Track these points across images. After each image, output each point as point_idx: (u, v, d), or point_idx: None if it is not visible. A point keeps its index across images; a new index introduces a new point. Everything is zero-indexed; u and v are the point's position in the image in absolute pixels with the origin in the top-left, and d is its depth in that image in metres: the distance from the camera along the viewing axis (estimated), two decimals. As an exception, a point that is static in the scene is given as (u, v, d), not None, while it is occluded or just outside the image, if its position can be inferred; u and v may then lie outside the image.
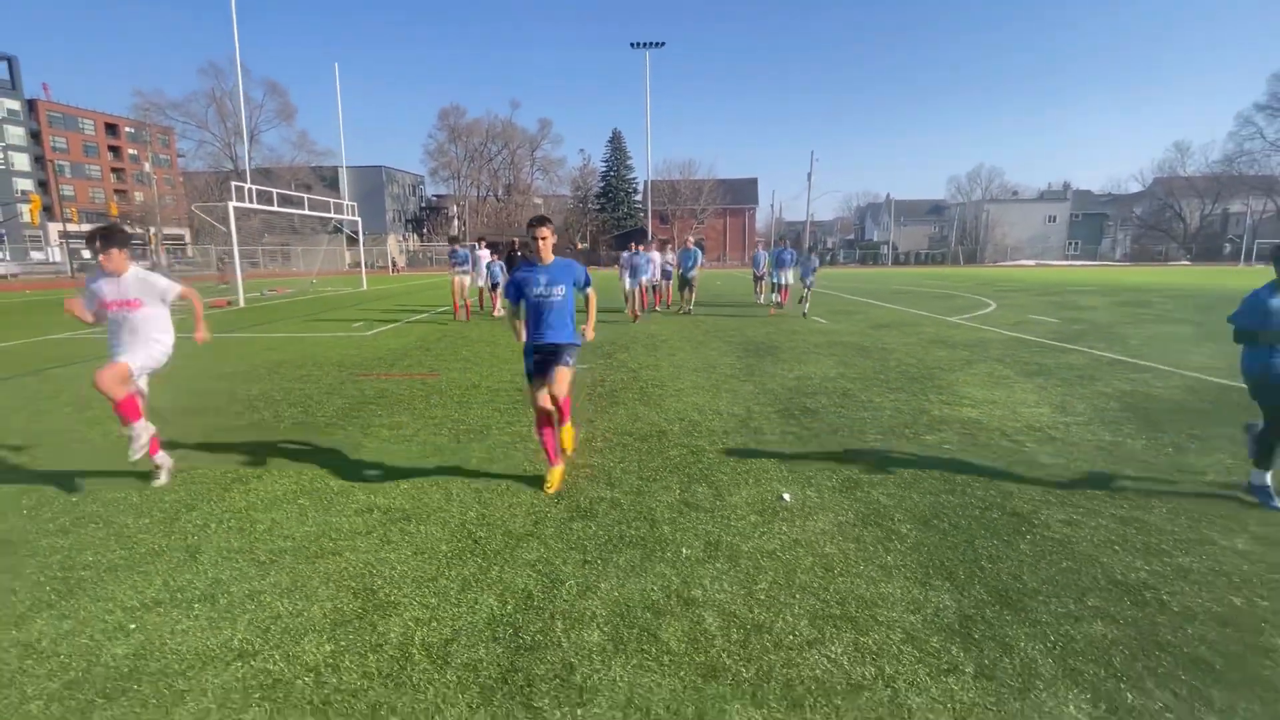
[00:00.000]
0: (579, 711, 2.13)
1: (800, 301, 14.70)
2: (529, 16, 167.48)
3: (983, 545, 3.30)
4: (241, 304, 17.86)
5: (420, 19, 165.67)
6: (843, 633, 2.56)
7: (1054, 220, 76.46)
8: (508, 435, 5.26)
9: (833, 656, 2.41)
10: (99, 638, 2.54)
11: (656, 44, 49.40)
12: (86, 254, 57.62)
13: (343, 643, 2.51)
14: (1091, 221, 78.28)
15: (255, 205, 17.88)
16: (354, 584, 2.94)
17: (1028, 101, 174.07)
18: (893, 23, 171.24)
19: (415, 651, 2.45)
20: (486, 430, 5.41)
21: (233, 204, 17.15)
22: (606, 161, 73.81)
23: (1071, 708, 2.14)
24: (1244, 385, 3.95)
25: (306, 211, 21.61)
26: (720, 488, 4.11)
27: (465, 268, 14.38)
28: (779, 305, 16.14)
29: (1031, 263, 66.48)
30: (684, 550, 3.26)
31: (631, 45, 49.32)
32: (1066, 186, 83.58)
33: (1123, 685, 2.25)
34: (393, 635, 2.55)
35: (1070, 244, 76.53)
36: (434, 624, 2.63)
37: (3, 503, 3.93)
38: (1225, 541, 3.34)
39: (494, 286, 15.30)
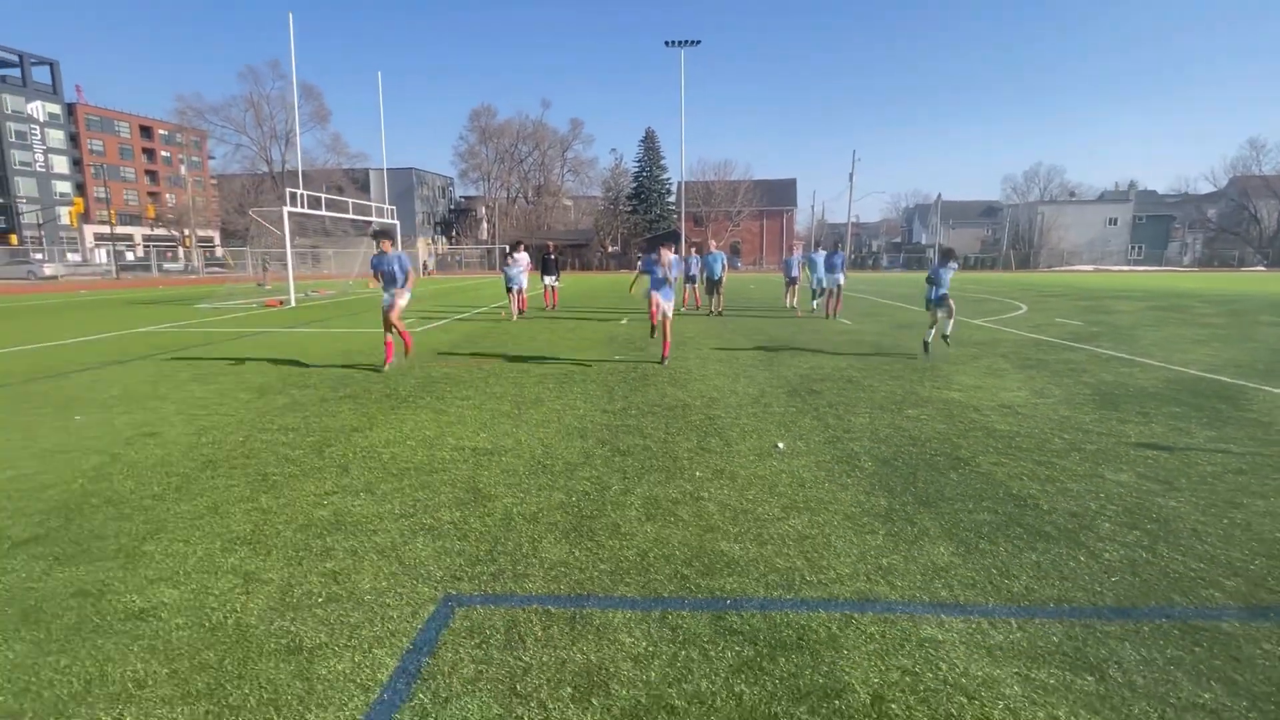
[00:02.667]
0: (625, 543, 3.57)
1: (932, 325, 10.04)
2: (562, 14, 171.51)
3: (922, 475, 4.65)
4: (293, 303, 19.90)
5: (452, 18, 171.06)
6: (803, 514, 3.95)
7: (1115, 223, 75.70)
8: (559, 404, 6.76)
9: (792, 525, 3.81)
10: (306, 507, 4.07)
11: (692, 42, 51.07)
12: (130, 256, 61.98)
13: (466, 511, 3.99)
14: (1157, 224, 77.23)
15: (306, 209, 19.94)
16: (464, 485, 4.43)
17: (1091, 98, 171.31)
18: (946, 15, 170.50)
19: (515, 517, 3.92)
20: (541, 400, 6.92)
21: (287, 209, 19.24)
22: (639, 162, 75.62)
23: (940, 549, 3.50)
24: (1219, 377, 5.15)
25: (350, 215, 23.66)
26: (729, 440, 5.52)
27: (401, 287, 8.60)
28: (834, 314, 16.04)
29: (1090, 268, 66.05)
30: (697, 473, 4.68)
31: (666, 44, 51.01)
32: (1132, 186, 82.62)
33: (981, 541, 3.59)
34: (498, 509, 4.03)
35: (1133, 248, 75.62)
36: (524, 505, 4.10)
37: (189, 442, 5.55)
38: (1112, 476, 4.62)
39: (509, 289, 16.37)
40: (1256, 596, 3.01)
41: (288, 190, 19.91)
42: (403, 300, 8.71)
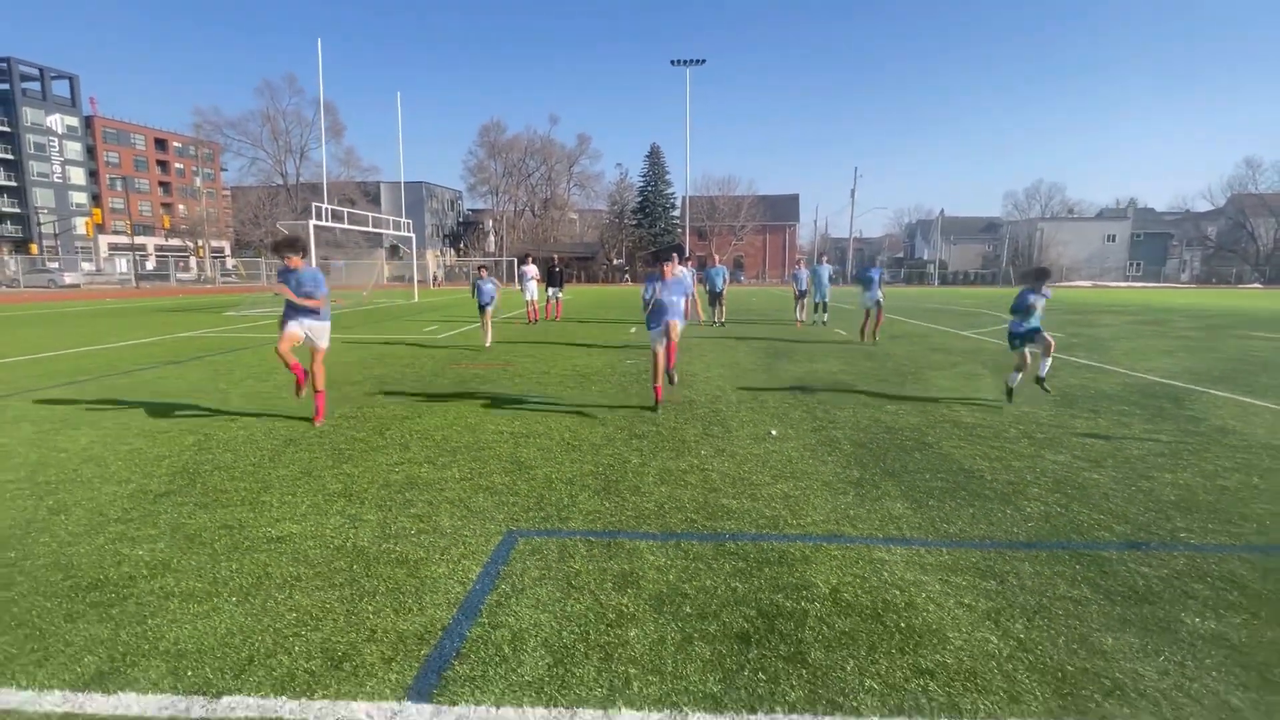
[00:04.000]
0: (644, 498, 4.45)
1: (1019, 367, 7.59)
2: (571, 33, 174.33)
3: (892, 455, 5.52)
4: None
5: (463, 36, 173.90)
6: (789, 481, 4.83)
7: (1113, 240, 76.65)
8: (579, 401, 7.65)
9: (779, 488, 4.68)
10: (382, 473, 4.96)
11: (697, 61, 52.44)
12: (150, 265, 63.31)
13: (513, 477, 4.88)
14: (1155, 241, 78.16)
15: (330, 223, 20.98)
16: (508, 458, 5.32)
17: (1092, 115, 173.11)
18: (952, 33, 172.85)
19: (554, 480, 4.80)
20: (561, 397, 7.82)
21: (313, 222, 20.28)
22: (644, 177, 76.88)
23: (897, 505, 4.37)
24: (1173, 382, 5.97)
25: (370, 228, 24.71)
26: (730, 427, 6.41)
27: (317, 319, 6.52)
28: (873, 337, 13.51)
29: (1088, 284, 66.88)
30: (702, 452, 5.57)
31: (672, 63, 52.37)
32: (1131, 203, 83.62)
33: (930, 500, 4.46)
34: (539, 475, 4.92)
35: (1131, 265, 76.48)
36: (560, 472, 4.98)
37: (266, 426, 6.44)
38: (1051, 457, 5.49)
39: (482, 307, 12.70)
40: (1137, 536, 3.88)
41: (313, 205, 20.98)
42: (324, 341, 6.62)
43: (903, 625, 2.89)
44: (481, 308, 12.72)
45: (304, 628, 2.85)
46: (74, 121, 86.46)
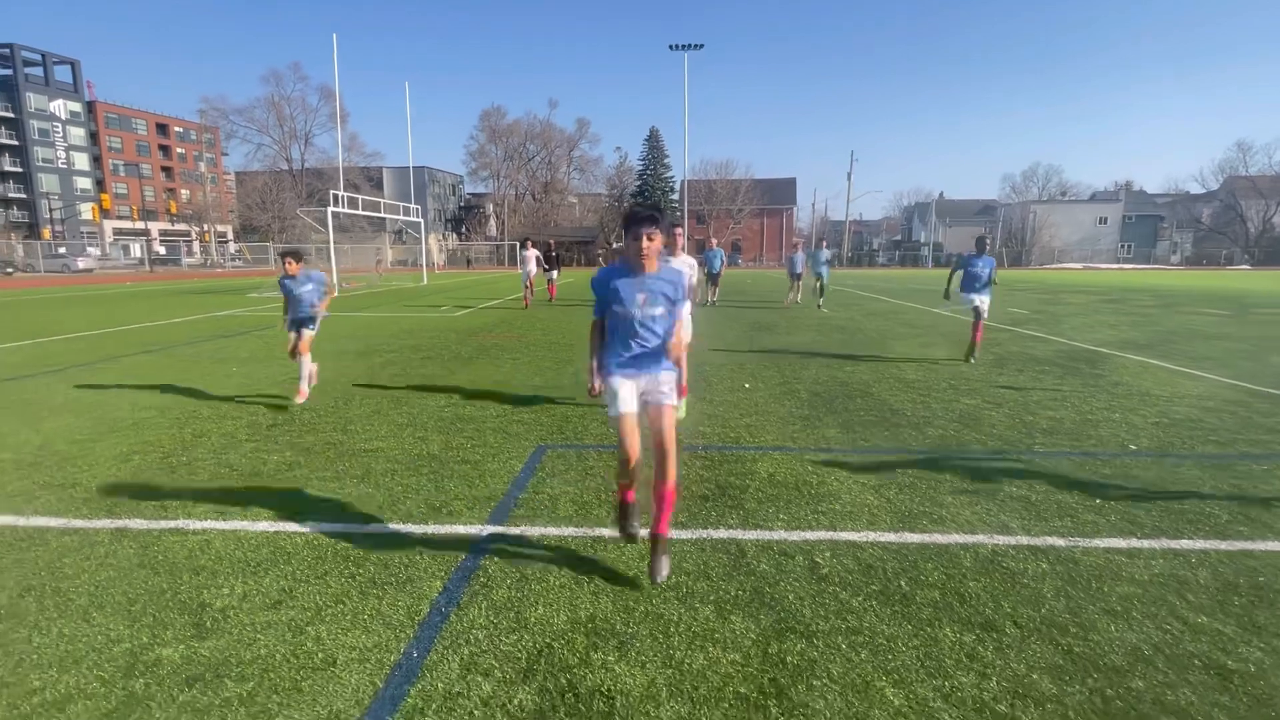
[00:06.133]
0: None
1: None
2: (571, 17, 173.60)
3: (839, 400, 6.90)
4: (336, 293, 22.21)
5: (464, 22, 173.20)
6: (752, 417, 6.21)
7: (1105, 222, 77.67)
8: (586, 362, 9.02)
9: (744, 421, 6.06)
10: (435, 411, 6.33)
11: (695, 46, 53.17)
12: (161, 250, 64.36)
13: (537, 413, 6.25)
14: (1146, 223, 79.17)
15: (346, 209, 22.20)
16: (532, 401, 6.70)
17: (1092, 99, 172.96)
18: (952, 15, 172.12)
19: (569, 415, 6.18)
20: (570, 360, 9.19)
21: (331, 209, 21.55)
22: (643, 160, 77.67)
23: (832, 431, 5.74)
24: (1100, 349, 7.36)
25: (379, 214, 25.96)
26: (711, 383, 7.78)
27: None
28: (973, 352, 9.19)
29: (1079, 266, 68.05)
30: (687, 402, 6.94)
31: (670, 47, 53.10)
32: (1127, 185, 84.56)
33: (858, 427, 5.84)
34: (558, 412, 6.30)
35: (1123, 246, 77.59)
36: (574, 410, 6.36)
37: (329, 381, 7.81)
38: (965, 401, 6.86)
39: (297, 324, 6.83)
40: (1001, 450, 5.25)
41: (331, 192, 22.23)
42: None
43: (812, 492, 4.28)
44: (296, 324, 6.75)
45: (408, 494, 4.23)
46: (77, 107, 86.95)
